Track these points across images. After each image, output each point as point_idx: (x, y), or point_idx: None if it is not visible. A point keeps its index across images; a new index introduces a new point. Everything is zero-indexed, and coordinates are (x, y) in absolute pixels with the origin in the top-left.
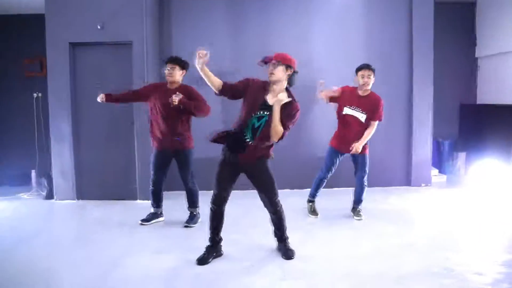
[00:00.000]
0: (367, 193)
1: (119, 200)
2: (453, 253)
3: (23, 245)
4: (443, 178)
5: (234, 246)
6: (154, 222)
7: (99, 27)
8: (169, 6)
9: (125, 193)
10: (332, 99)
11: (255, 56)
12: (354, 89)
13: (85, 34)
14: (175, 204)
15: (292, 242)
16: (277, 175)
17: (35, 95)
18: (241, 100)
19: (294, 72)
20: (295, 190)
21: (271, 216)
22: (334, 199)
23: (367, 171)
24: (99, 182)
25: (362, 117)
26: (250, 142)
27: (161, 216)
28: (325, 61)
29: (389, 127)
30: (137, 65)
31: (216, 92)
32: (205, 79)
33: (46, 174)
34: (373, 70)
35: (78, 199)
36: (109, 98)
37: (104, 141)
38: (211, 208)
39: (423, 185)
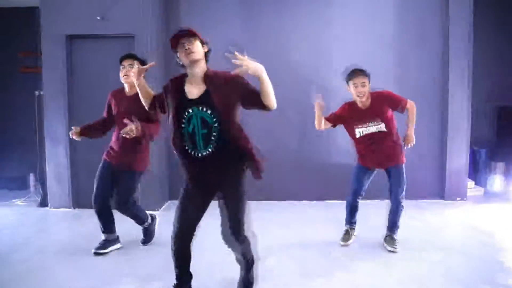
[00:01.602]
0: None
1: None
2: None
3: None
4: (480, 191)
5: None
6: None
7: (98, 18)
8: None
9: None
10: (331, 121)
11: (270, 47)
12: (353, 103)
13: (83, 26)
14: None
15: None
16: (294, 185)
17: (36, 93)
18: None
19: (209, 49)
20: (313, 202)
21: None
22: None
23: (404, 188)
24: None
25: (380, 127)
26: (208, 152)
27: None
28: (348, 60)
29: (420, 133)
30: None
31: (147, 106)
32: (139, 92)
33: (40, 179)
34: (367, 76)
35: (74, 207)
36: (83, 133)
37: (103, 144)
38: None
39: (458, 199)
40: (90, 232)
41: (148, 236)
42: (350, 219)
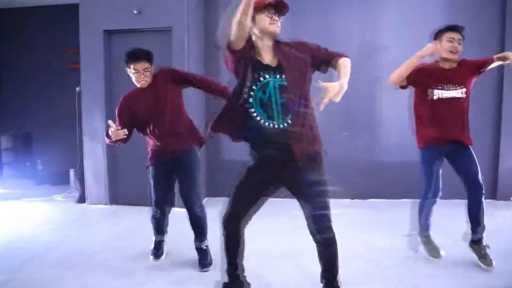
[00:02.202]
0: (443, 207)
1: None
2: None
3: (30, 263)
4: None
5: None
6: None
7: (135, 12)
8: None
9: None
10: (407, 81)
11: (315, 40)
12: (435, 64)
13: (120, 21)
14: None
15: None
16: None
17: (77, 89)
18: None
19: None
20: (355, 200)
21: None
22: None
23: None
24: (134, 185)
25: (461, 93)
26: (281, 126)
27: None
28: (397, 51)
29: (471, 126)
30: (177, 53)
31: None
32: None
33: (79, 174)
34: (463, 36)
35: (111, 203)
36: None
37: (141, 140)
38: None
39: None
40: (127, 231)
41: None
42: (425, 224)
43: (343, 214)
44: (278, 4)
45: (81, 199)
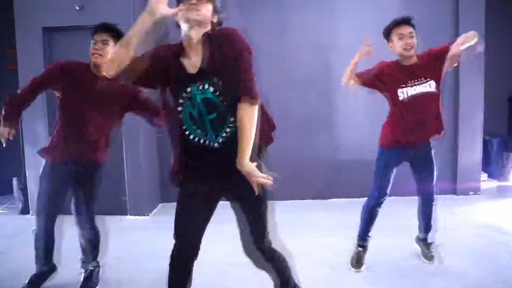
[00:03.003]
0: (403, 204)
1: (104, 215)
2: None
3: None
4: (493, 184)
5: None
6: None
7: (77, 8)
8: None
9: (111, 207)
10: (363, 78)
11: (269, 32)
12: (395, 63)
13: (61, 17)
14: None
15: None
16: (293, 183)
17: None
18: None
19: (219, 22)
20: (316, 200)
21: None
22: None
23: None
24: None
25: (430, 86)
26: (215, 144)
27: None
28: (354, 43)
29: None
30: None
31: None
32: (136, 34)
33: (22, 184)
34: (413, 26)
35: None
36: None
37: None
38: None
39: (471, 193)
40: (71, 245)
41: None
42: (366, 232)
43: (304, 216)
44: None
45: (25, 210)
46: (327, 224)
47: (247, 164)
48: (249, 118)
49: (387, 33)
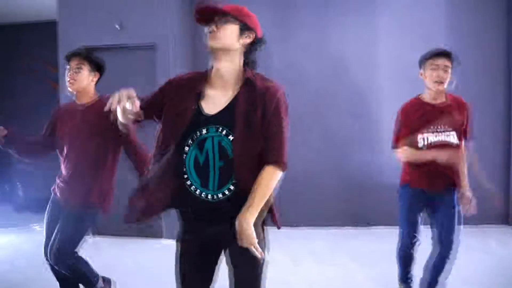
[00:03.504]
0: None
1: (138, 237)
2: None
3: None
4: None
5: None
6: None
7: (117, 27)
8: None
9: (146, 229)
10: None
11: (310, 56)
12: (418, 100)
13: (101, 37)
14: None
15: None
16: (308, 209)
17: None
18: None
19: (258, 39)
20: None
21: None
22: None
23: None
24: (114, 214)
25: (453, 137)
26: (214, 196)
27: None
28: (395, 70)
29: (479, 145)
30: (162, 71)
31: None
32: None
33: None
34: (452, 60)
35: (93, 234)
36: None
37: (121, 161)
38: None
39: None
40: (107, 267)
41: None
42: (406, 274)
43: (345, 244)
44: (202, 12)
45: None
46: (370, 253)
47: (249, 222)
48: (271, 180)
49: (422, 61)
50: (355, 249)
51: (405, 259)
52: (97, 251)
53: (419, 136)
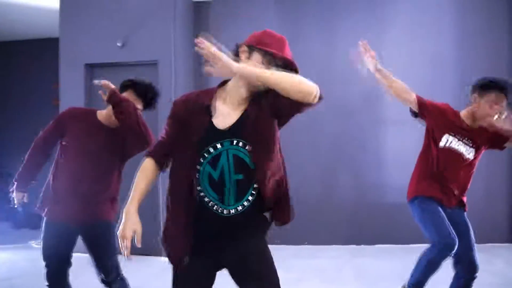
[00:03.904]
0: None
1: (139, 255)
2: None
3: None
4: None
5: None
6: None
7: (119, 44)
8: (206, 15)
9: (146, 248)
10: (420, 111)
11: (317, 71)
12: (456, 114)
13: (103, 54)
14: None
15: None
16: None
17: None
18: None
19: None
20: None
21: None
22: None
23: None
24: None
25: (469, 153)
26: (231, 210)
27: None
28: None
29: (487, 163)
30: (164, 88)
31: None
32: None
33: None
34: (508, 100)
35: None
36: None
37: (128, 177)
38: None
39: None
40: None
41: None
42: (423, 282)
43: (351, 262)
44: (285, 63)
45: None
46: (376, 272)
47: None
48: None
49: (481, 89)
50: (360, 267)
51: (432, 266)
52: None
53: (444, 137)
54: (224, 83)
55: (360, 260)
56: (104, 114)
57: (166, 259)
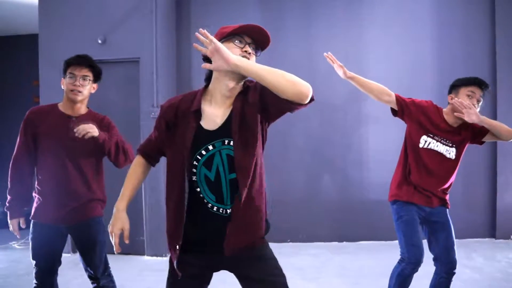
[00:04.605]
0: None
1: (121, 254)
2: None
3: None
4: None
5: None
6: None
7: (99, 41)
8: (188, 13)
9: (128, 246)
10: (399, 110)
11: (297, 69)
12: (439, 111)
13: (83, 51)
14: None
15: None
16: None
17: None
18: None
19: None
20: (344, 243)
21: None
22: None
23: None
24: None
25: (450, 152)
26: (228, 210)
27: None
28: (383, 75)
29: (467, 161)
30: (146, 85)
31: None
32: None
33: None
34: (484, 92)
35: (74, 251)
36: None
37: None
38: None
39: None
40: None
41: None
42: None
43: (331, 260)
44: (254, 32)
45: None
46: (356, 269)
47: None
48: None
49: (456, 86)
50: (341, 264)
51: (404, 283)
52: (77, 269)
53: (423, 137)
54: (206, 86)
55: (342, 257)
56: (65, 104)
57: (148, 257)
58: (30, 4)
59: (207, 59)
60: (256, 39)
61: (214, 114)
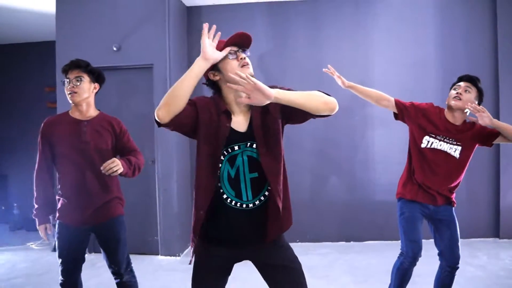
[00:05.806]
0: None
1: (135, 254)
2: None
3: None
4: None
5: None
6: None
7: (114, 48)
8: (199, 20)
9: (143, 246)
10: (399, 113)
11: (305, 74)
12: (440, 111)
13: (98, 58)
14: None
15: None
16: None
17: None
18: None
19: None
20: (351, 242)
21: None
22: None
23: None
24: None
25: (454, 151)
26: (249, 205)
27: None
28: (387, 88)
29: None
30: (159, 91)
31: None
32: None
33: (55, 221)
34: (475, 85)
35: (89, 252)
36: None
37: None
38: None
39: None
40: (104, 286)
41: None
42: None
43: (339, 259)
44: (239, 39)
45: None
46: (364, 267)
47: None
48: (314, 95)
49: (453, 84)
50: (349, 263)
51: (403, 276)
52: (93, 269)
53: (425, 138)
54: (216, 93)
55: (350, 256)
56: (73, 110)
57: (162, 257)
58: (46, 13)
59: (209, 81)
60: (240, 44)
61: (241, 117)
